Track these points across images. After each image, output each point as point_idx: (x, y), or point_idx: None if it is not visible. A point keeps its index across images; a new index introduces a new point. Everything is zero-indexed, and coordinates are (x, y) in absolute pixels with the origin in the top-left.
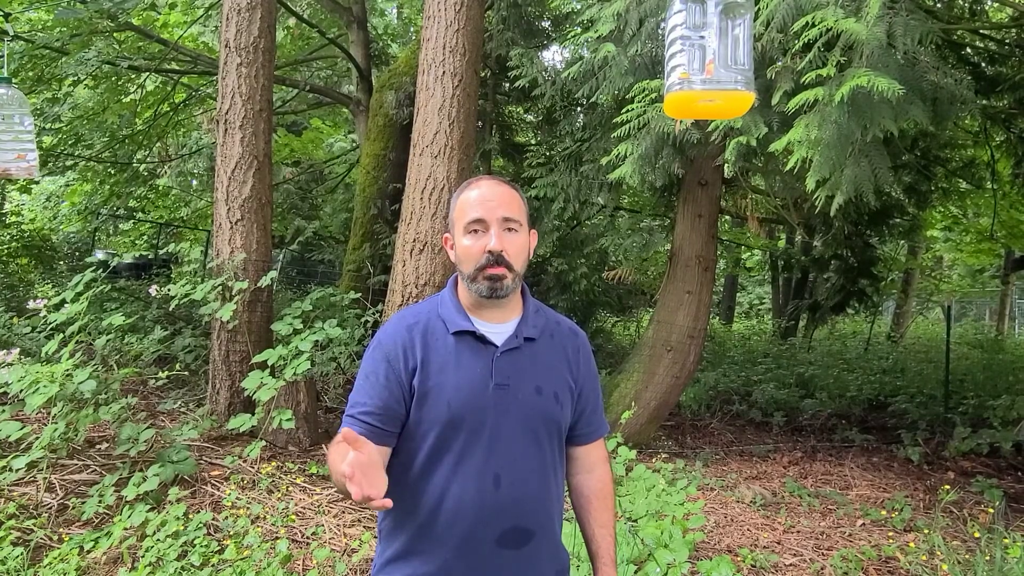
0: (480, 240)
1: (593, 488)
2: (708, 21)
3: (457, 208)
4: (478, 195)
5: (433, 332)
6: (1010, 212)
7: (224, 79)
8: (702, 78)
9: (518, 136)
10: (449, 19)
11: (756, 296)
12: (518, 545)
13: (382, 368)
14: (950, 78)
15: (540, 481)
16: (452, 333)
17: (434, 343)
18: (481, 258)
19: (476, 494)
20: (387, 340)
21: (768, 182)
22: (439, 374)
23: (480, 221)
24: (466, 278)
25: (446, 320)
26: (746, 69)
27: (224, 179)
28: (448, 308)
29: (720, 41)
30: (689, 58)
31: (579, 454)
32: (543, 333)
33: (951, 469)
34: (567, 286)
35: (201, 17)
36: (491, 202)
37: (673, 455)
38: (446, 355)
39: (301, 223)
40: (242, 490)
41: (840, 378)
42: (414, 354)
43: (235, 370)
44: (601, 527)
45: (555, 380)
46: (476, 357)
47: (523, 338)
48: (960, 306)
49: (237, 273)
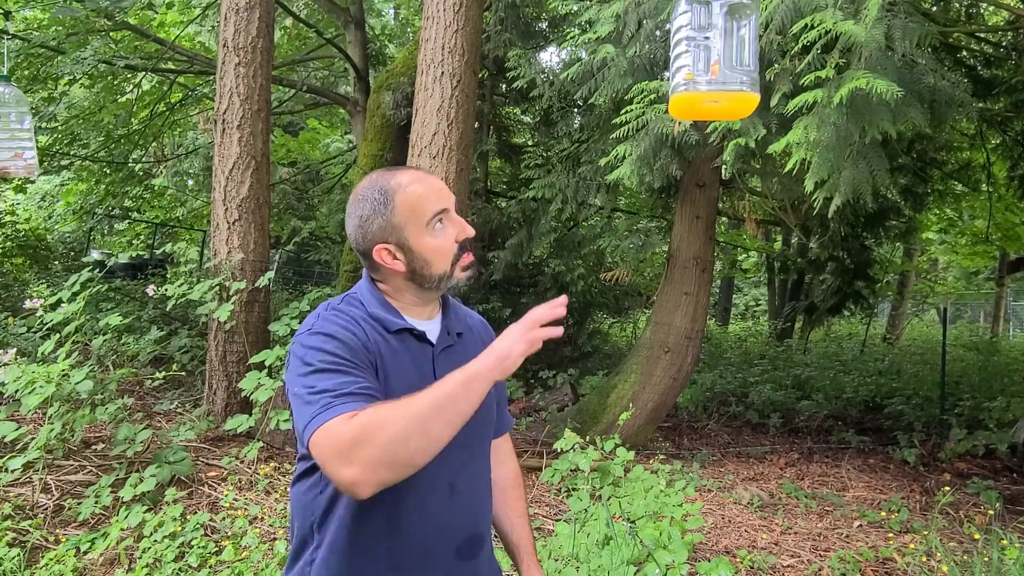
0: (446, 232)
1: (508, 479)
2: (713, 22)
3: (402, 209)
4: (425, 188)
5: (374, 333)
6: (1005, 214)
7: (222, 79)
8: (707, 79)
9: (516, 137)
10: (448, 20)
11: (752, 298)
12: (473, 554)
13: (348, 353)
14: (948, 81)
15: (486, 484)
16: (392, 332)
17: (379, 341)
18: (453, 250)
19: (433, 505)
20: (338, 331)
21: (766, 184)
22: (393, 376)
23: (445, 211)
24: (437, 279)
25: (380, 319)
26: (751, 70)
27: (222, 179)
28: (377, 307)
29: (725, 42)
30: (694, 59)
31: (493, 448)
32: (465, 327)
33: (947, 471)
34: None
35: (198, 17)
36: (443, 190)
37: (670, 456)
38: (391, 356)
39: (298, 223)
40: (239, 491)
41: (836, 380)
42: (371, 348)
43: (232, 371)
44: (519, 516)
45: None
46: (417, 357)
47: (455, 334)
48: (955, 308)
49: (234, 273)
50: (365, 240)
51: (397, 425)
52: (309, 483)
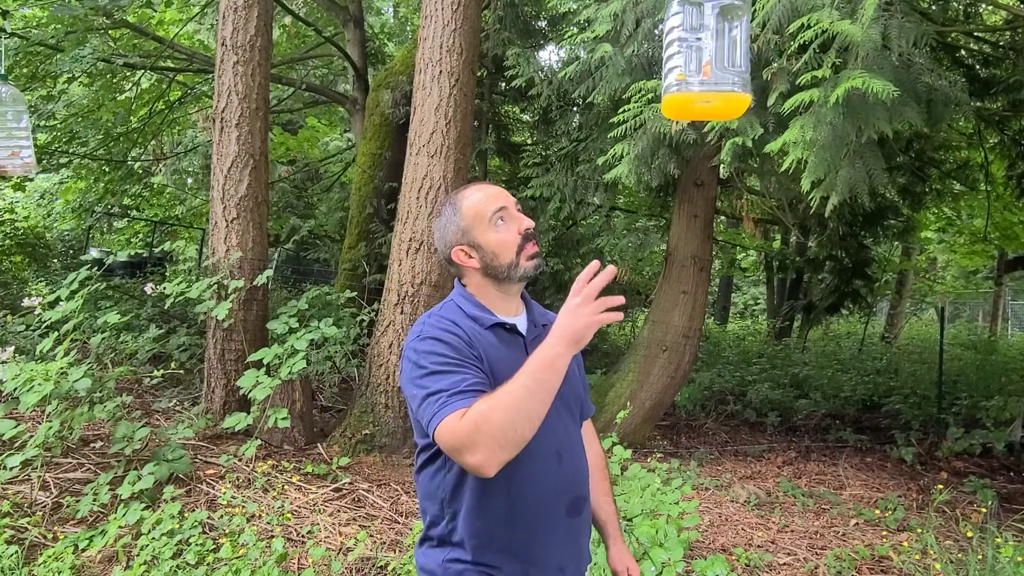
0: (508, 227)
1: (594, 461)
2: (705, 23)
3: (468, 213)
4: (485, 194)
5: (472, 329)
6: (1003, 214)
7: (220, 77)
8: (699, 79)
9: (514, 136)
10: (446, 19)
11: (751, 297)
12: (580, 512)
13: (455, 353)
14: (944, 80)
15: (583, 454)
16: (487, 328)
17: (479, 337)
18: (517, 241)
19: (546, 472)
20: (444, 334)
21: (763, 183)
22: (495, 367)
23: (503, 208)
24: (506, 268)
25: (476, 318)
26: (742, 71)
27: (220, 177)
28: (472, 307)
29: (717, 43)
30: (686, 60)
31: None
32: (547, 320)
33: (944, 469)
34: (563, 286)
35: (197, 15)
36: (500, 193)
37: (668, 455)
38: (492, 347)
39: (296, 222)
40: (237, 489)
41: (834, 379)
42: (475, 344)
43: (230, 369)
44: (604, 495)
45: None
46: (512, 347)
47: (540, 325)
48: (953, 307)
49: (233, 271)
50: (446, 247)
51: (502, 414)
52: (434, 468)
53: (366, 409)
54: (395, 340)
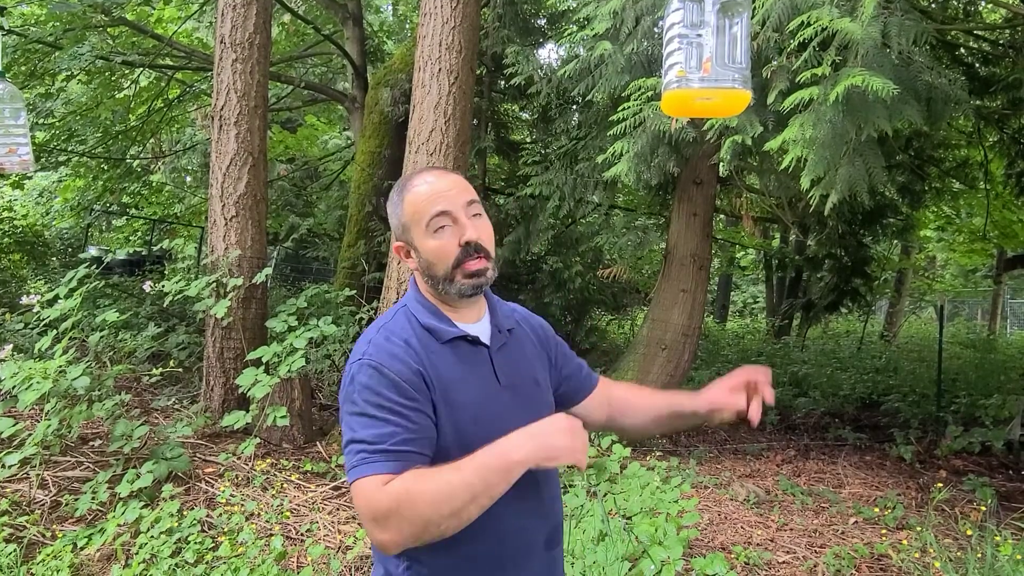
0: (449, 234)
1: (626, 394)
2: (706, 19)
3: (407, 209)
4: (430, 187)
5: (427, 347)
6: (1003, 212)
7: (219, 75)
8: (700, 76)
9: (513, 134)
10: (446, 16)
11: (750, 295)
12: (558, 543)
13: (394, 395)
14: (944, 78)
15: (557, 475)
16: (445, 343)
17: (434, 358)
18: (455, 253)
19: (525, 502)
20: (389, 362)
21: (763, 181)
22: (454, 391)
23: (445, 214)
24: (440, 281)
25: (433, 330)
26: (743, 68)
27: (219, 175)
28: (428, 315)
29: (717, 39)
30: (687, 56)
31: (597, 401)
32: (513, 323)
33: (943, 468)
34: (562, 284)
35: (196, 12)
36: (450, 191)
37: (667, 453)
38: (450, 368)
39: (295, 220)
40: (236, 487)
41: (833, 377)
42: (425, 373)
43: (229, 367)
44: (654, 394)
45: (540, 367)
46: (475, 363)
47: (507, 331)
48: (952, 306)
49: (232, 270)
50: (393, 234)
51: (429, 505)
52: None
53: None
54: None
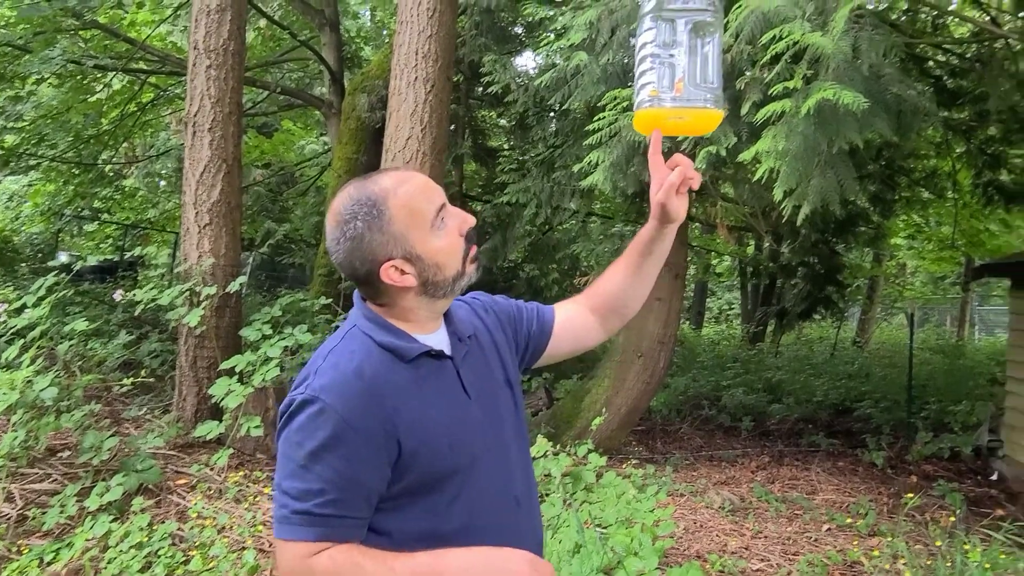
0: (449, 228)
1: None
2: (678, 39)
3: (400, 215)
4: (414, 185)
5: (387, 370)
6: (970, 221)
7: (192, 81)
8: (672, 96)
9: (491, 140)
10: (422, 25)
11: (726, 301)
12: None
13: (336, 439)
14: (913, 91)
15: (536, 489)
16: (409, 362)
17: (395, 383)
18: (461, 246)
19: (508, 521)
20: (337, 401)
21: (737, 191)
22: (425, 418)
23: (444, 206)
24: (451, 283)
25: (395, 349)
26: (715, 87)
27: (192, 183)
28: (388, 335)
29: (690, 59)
30: (659, 76)
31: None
32: (471, 326)
33: (914, 473)
34: (539, 291)
35: (170, 16)
36: (430, 182)
37: (643, 460)
38: (414, 393)
39: (272, 225)
40: (208, 499)
41: (807, 383)
42: (382, 408)
43: (202, 376)
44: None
45: (506, 359)
46: (442, 379)
47: (467, 338)
48: (923, 312)
49: (205, 278)
50: (365, 263)
51: None
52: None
53: None
54: None
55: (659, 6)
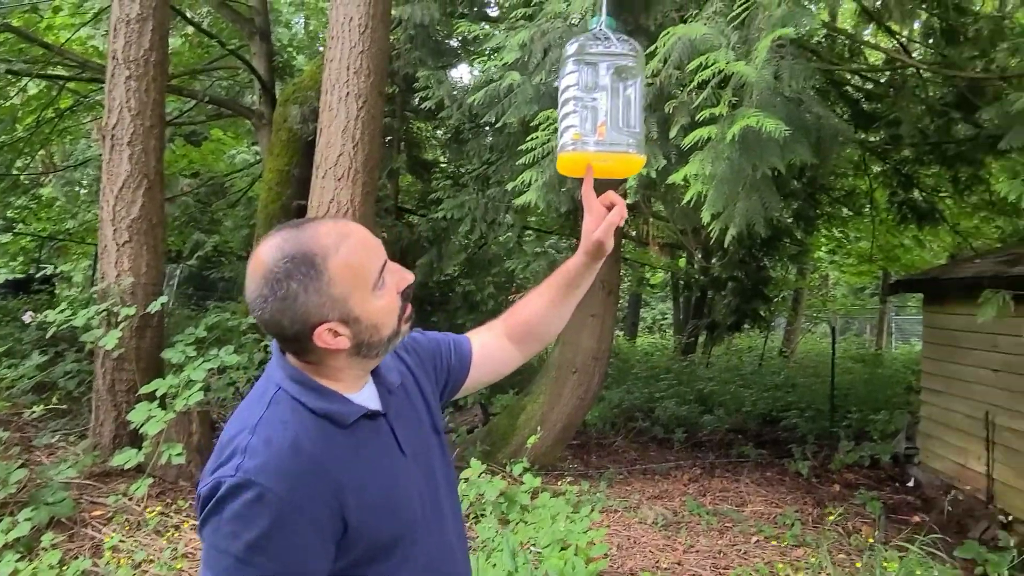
0: (387, 288)
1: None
2: (600, 83)
3: (342, 275)
4: (356, 241)
5: (325, 441)
6: (887, 237)
7: (111, 92)
8: (595, 140)
9: (427, 153)
10: (353, 40)
11: (659, 312)
12: None
13: (278, 528)
14: (832, 118)
15: (463, 524)
16: (346, 428)
17: (336, 453)
18: (398, 304)
19: (448, 568)
20: (276, 484)
21: (668, 210)
22: (365, 488)
23: (385, 265)
24: (385, 343)
25: (332, 416)
26: (636, 132)
27: (110, 198)
28: (320, 400)
29: (612, 103)
30: (581, 119)
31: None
32: (396, 371)
33: (837, 482)
34: (475, 306)
35: (90, 21)
36: (370, 238)
37: (578, 476)
38: (355, 460)
39: (200, 237)
40: (126, 532)
41: (737, 394)
42: (326, 483)
43: (121, 400)
44: (539, 287)
45: (431, 403)
46: (379, 442)
47: (397, 388)
48: (844, 321)
49: (124, 298)
50: (295, 324)
51: None
52: None
53: None
54: None
55: (581, 50)
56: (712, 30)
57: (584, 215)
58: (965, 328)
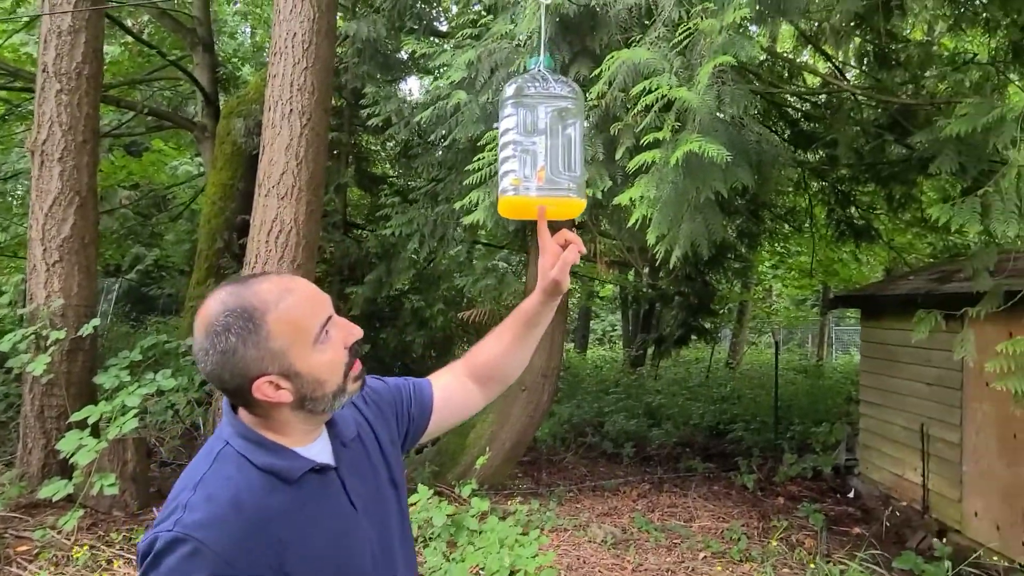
0: (332, 343)
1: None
2: (539, 126)
3: (280, 330)
4: (300, 297)
5: (268, 496)
6: (826, 252)
7: (41, 106)
8: (536, 185)
9: (375, 167)
10: (297, 57)
11: (609, 324)
12: None
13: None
14: (772, 144)
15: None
16: (292, 483)
17: (278, 510)
18: (344, 360)
19: None
20: (213, 540)
21: (614, 229)
22: (309, 544)
23: (330, 318)
24: (329, 399)
25: (278, 472)
26: (577, 175)
27: (40, 216)
28: (267, 455)
29: (551, 146)
30: (521, 164)
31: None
32: (355, 422)
33: (781, 494)
34: (424, 322)
35: (23, 28)
36: (317, 293)
37: (528, 494)
38: (299, 517)
39: (141, 250)
40: (55, 567)
41: (684, 407)
42: (263, 543)
43: (51, 428)
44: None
45: (389, 456)
46: (327, 495)
47: (351, 440)
48: (787, 332)
49: (53, 320)
50: (235, 377)
51: None
52: None
53: None
54: None
55: (519, 92)
56: (656, 55)
57: (540, 254)
58: (900, 343)
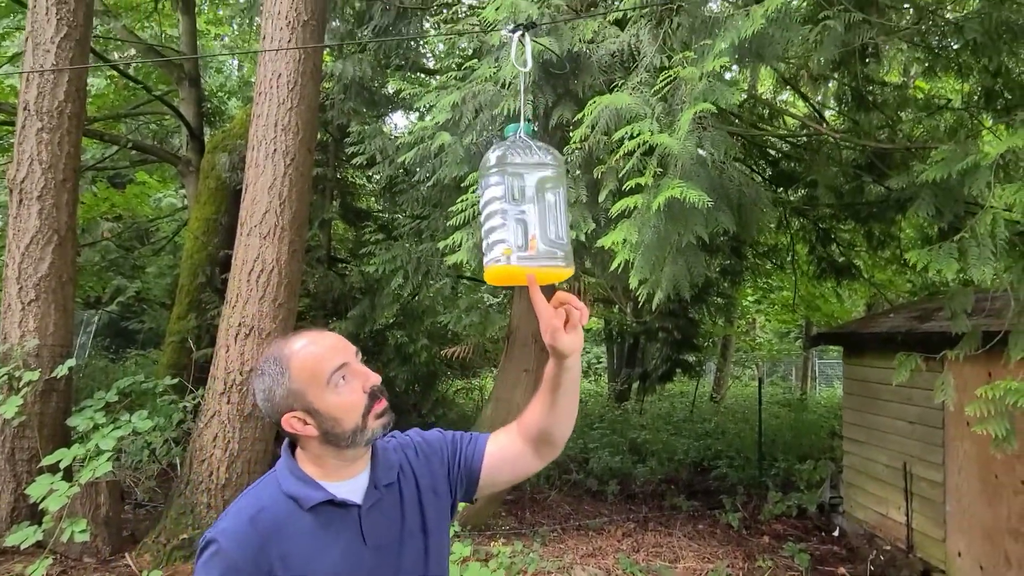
0: (351, 386)
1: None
2: (527, 195)
3: (299, 374)
4: (319, 347)
5: (285, 517)
6: (808, 288)
7: (21, 144)
8: (528, 254)
9: (360, 201)
10: (281, 97)
11: (594, 356)
12: None
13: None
14: (755, 187)
15: None
16: (307, 510)
17: (289, 530)
18: (363, 402)
19: None
20: (230, 545)
21: (597, 269)
22: (310, 564)
23: (344, 365)
24: (351, 435)
25: (297, 497)
26: (564, 244)
27: (16, 255)
28: (293, 483)
29: (540, 216)
30: (512, 233)
31: (499, 450)
32: (397, 471)
33: (766, 533)
34: (407, 358)
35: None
36: (336, 345)
37: (512, 534)
38: (307, 540)
39: (122, 282)
40: None
41: (669, 443)
42: (267, 554)
43: (21, 471)
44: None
45: (427, 506)
46: (341, 527)
47: (384, 485)
48: (770, 365)
49: (28, 361)
50: (273, 412)
51: None
52: None
53: (184, 510)
54: (220, 432)
55: (502, 161)
56: (637, 100)
57: (539, 321)
58: (882, 381)
